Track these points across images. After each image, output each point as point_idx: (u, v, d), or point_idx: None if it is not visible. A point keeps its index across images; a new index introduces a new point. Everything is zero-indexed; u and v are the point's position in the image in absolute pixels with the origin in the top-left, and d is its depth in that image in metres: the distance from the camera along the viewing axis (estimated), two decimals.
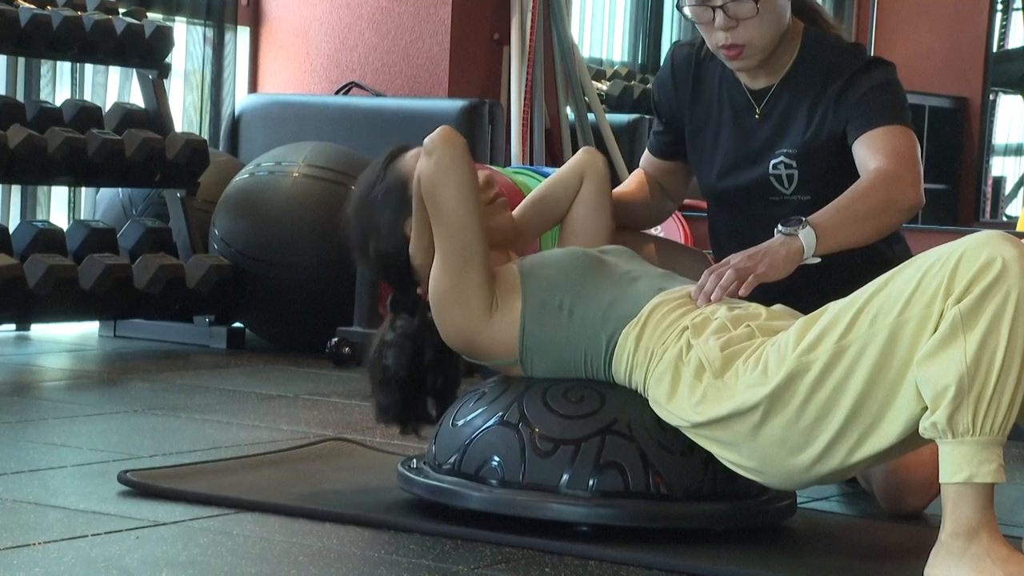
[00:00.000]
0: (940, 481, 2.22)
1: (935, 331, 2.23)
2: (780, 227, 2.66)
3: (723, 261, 2.64)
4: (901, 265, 2.33)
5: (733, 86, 3.01)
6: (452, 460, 2.60)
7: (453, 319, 2.63)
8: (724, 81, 3.02)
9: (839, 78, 2.92)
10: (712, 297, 2.55)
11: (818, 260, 2.66)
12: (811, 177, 2.93)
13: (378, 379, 2.75)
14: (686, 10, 2.91)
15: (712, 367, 2.43)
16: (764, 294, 2.63)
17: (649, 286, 2.61)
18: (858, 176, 2.82)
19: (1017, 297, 2.20)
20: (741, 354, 2.43)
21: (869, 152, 2.84)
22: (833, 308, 2.36)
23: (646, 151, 3.20)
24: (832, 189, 2.83)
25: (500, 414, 2.57)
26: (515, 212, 2.86)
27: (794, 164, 2.94)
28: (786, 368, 2.34)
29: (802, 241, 2.63)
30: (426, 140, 2.62)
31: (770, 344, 2.41)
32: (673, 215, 4.91)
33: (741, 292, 2.56)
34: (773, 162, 2.96)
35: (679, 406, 2.45)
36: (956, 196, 9.33)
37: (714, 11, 2.86)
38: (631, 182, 3.16)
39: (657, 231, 3.77)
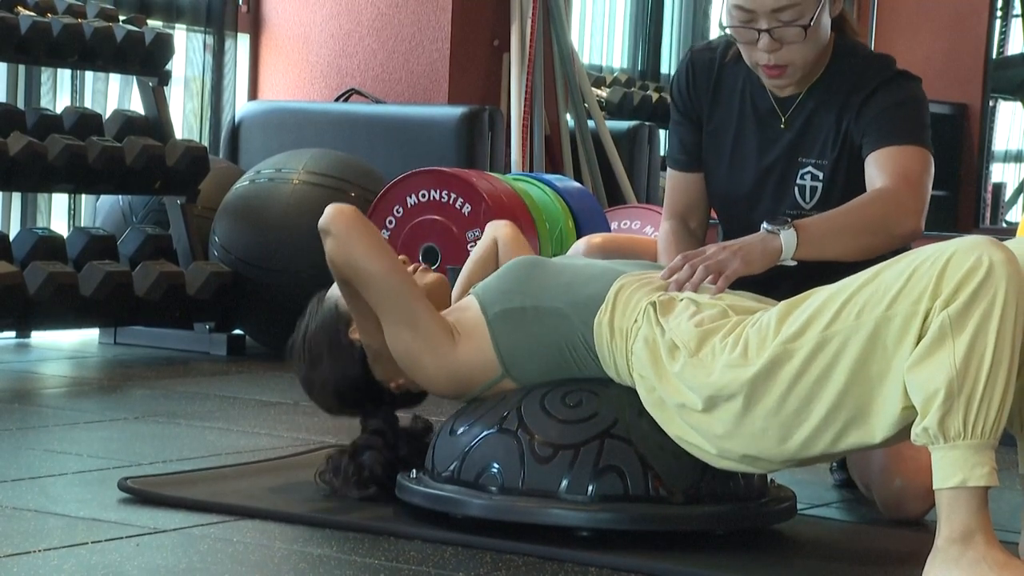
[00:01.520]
0: (934, 487, 2.22)
1: (921, 329, 2.24)
2: (765, 224, 2.63)
3: (698, 250, 2.63)
4: (891, 259, 2.33)
5: (757, 92, 2.95)
6: (451, 468, 2.60)
7: (428, 364, 2.65)
8: (748, 87, 2.96)
9: (864, 89, 2.86)
10: (684, 288, 2.55)
11: (795, 263, 2.63)
12: (834, 191, 2.88)
13: (352, 479, 2.77)
14: (729, 30, 2.84)
15: (687, 347, 2.43)
16: (744, 288, 2.61)
17: (604, 267, 2.64)
18: None
19: (1004, 300, 2.20)
20: (717, 332, 2.43)
21: (878, 170, 2.78)
22: (820, 295, 2.36)
23: (668, 182, 3.08)
24: None
25: (498, 421, 2.57)
26: (453, 294, 2.90)
27: (820, 177, 2.89)
28: (768, 353, 2.35)
29: (782, 241, 2.61)
30: (319, 225, 2.67)
31: (750, 324, 2.41)
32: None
33: (715, 289, 2.55)
34: (801, 171, 2.92)
35: (664, 379, 2.45)
36: (956, 202, 9.34)
37: (759, 33, 2.79)
38: (666, 250, 3.01)
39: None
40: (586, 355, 2.58)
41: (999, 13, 9.53)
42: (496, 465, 2.54)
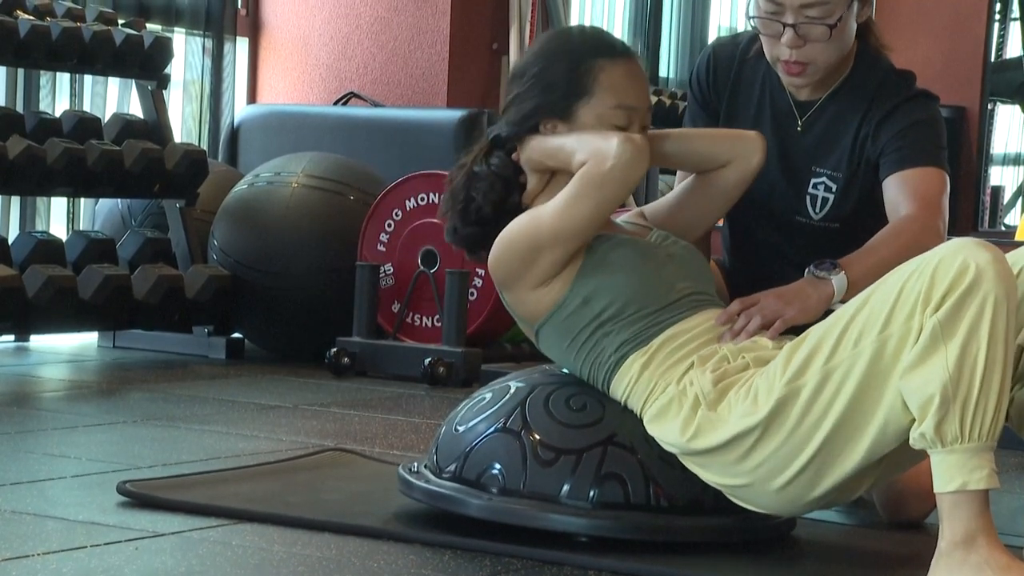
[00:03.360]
0: (934, 491, 2.23)
1: (917, 342, 2.24)
2: (813, 269, 2.62)
3: (753, 298, 2.59)
4: (881, 279, 2.33)
5: (777, 92, 2.94)
6: (453, 466, 2.59)
7: (505, 263, 2.58)
8: (768, 84, 2.95)
9: (883, 104, 2.87)
10: (740, 337, 2.53)
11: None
12: (845, 205, 2.89)
13: (459, 207, 2.67)
14: (755, 20, 2.84)
15: (706, 399, 2.43)
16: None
17: (672, 321, 2.57)
18: (884, 210, 2.79)
19: (994, 301, 2.20)
20: (733, 386, 2.43)
21: (901, 194, 2.78)
22: (816, 332, 2.37)
23: (679, 174, 3.01)
24: (860, 219, 2.79)
25: (502, 421, 2.57)
26: (670, 131, 2.75)
27: (834, 188, 2.89)
28: (775, 395, 2.35)
29: (834, 286, 2.60)
30: (623, 138, 2.51)
31: (759, 374, 2.42)
32: None
33: (768, 335, 2.53)
34: (814, 181, 2.90)
35: (673, 436, 2.45)
36: (955, 205, 9.31)
37: (784, 27, 2.79)
38: None
39: None
40: (599, 375, 2.57)
41: (998, 16, 9.52)
42: (498, 466, 2.54)
